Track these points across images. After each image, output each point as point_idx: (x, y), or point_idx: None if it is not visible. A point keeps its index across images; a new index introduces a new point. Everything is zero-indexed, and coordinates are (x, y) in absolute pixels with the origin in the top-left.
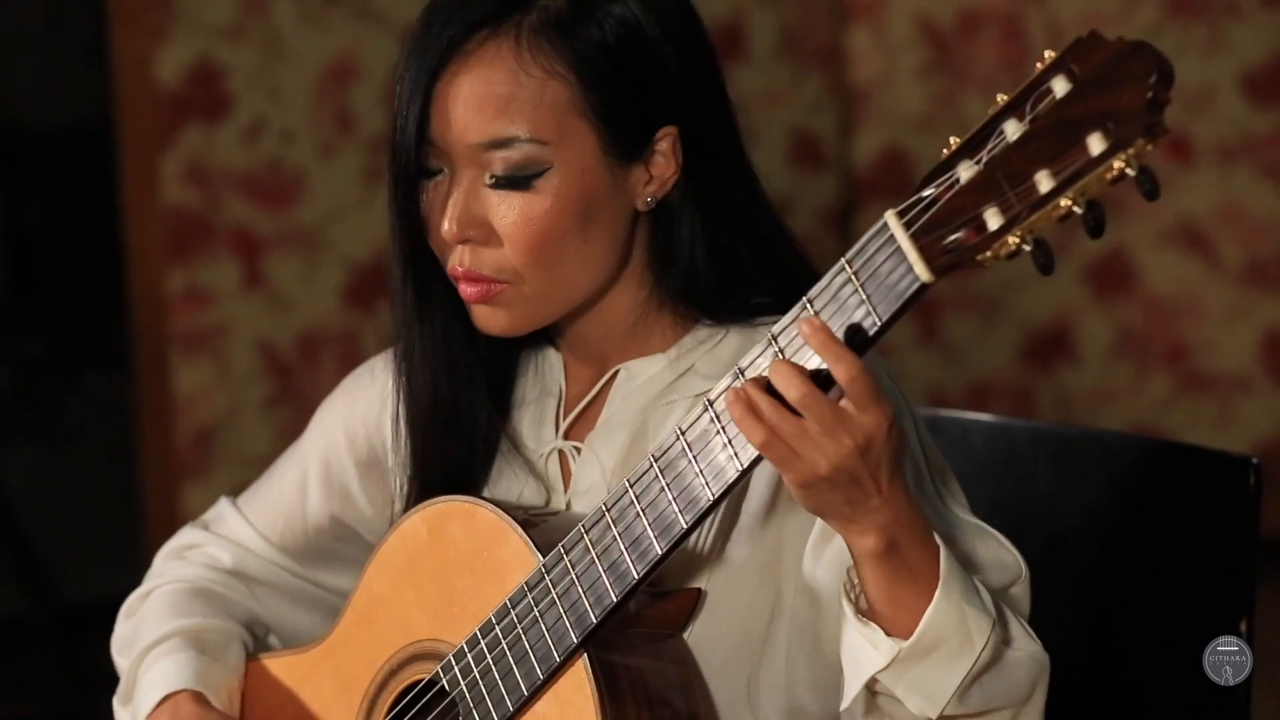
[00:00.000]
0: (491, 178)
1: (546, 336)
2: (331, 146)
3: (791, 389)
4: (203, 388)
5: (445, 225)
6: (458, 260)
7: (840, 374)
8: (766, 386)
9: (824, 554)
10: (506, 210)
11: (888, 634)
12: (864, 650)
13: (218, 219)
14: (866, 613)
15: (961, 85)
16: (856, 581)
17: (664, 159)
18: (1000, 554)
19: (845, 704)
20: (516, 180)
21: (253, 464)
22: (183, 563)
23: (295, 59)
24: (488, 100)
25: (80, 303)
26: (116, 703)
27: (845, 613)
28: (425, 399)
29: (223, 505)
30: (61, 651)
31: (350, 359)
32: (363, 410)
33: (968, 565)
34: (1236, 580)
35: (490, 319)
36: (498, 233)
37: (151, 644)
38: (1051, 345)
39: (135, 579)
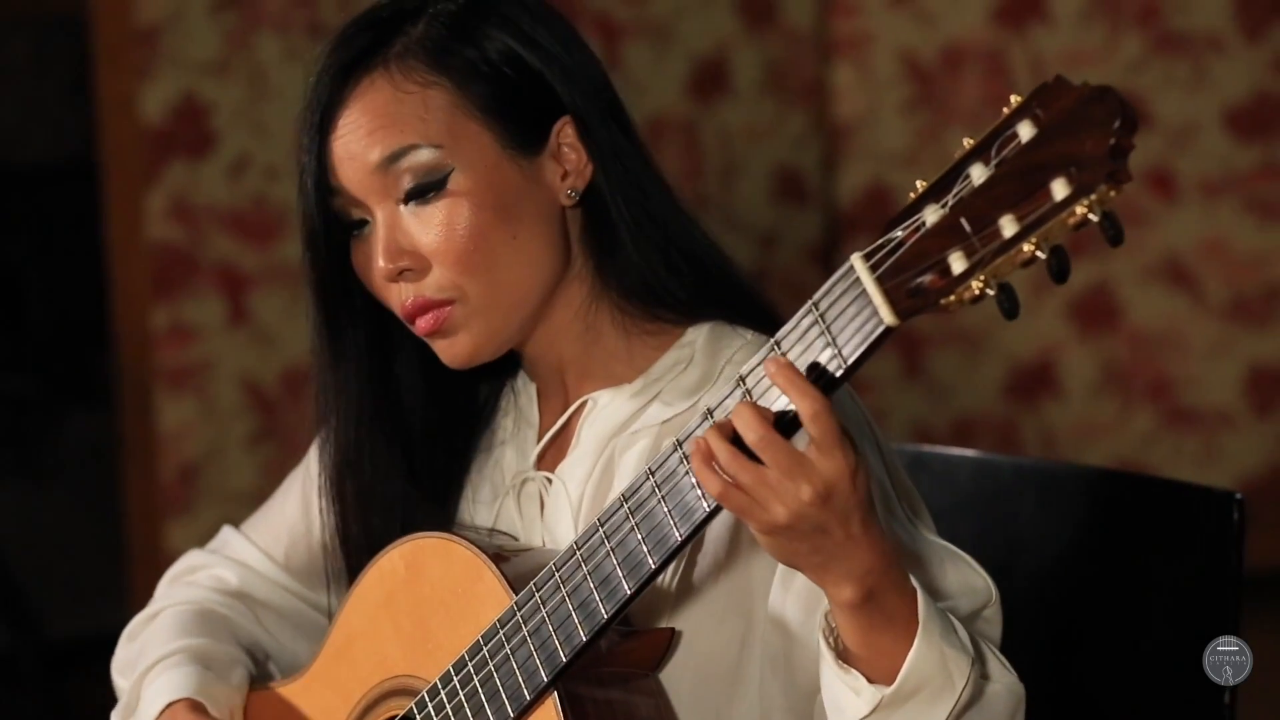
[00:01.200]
0: (403, 197)
1: (521, 369)
2: None
3: (750, 432)
4: (187, 424)
5: (378, 264)
6: (401, 297)
7: (804, 410)
8: (731, 434)
9: (793, 584)
10: (427, 225)
11: (869, 680)
12: (846, 697)
13: (202, 255)
14: (844, 656)
15: (945, 121)
16: (835, 624)
17: (570, 150)
18: (970, 578)
19: None
20: (425, 189)
21: (237, 500)
22: (188, 586)
23: (279, 95)
24: (374, 124)
25: (65, 339)
26: (116, 716)
27: (825, 657)
28: (337, 465)
29: (226, 531)
30: (45, 688)
31: None
32: None
33: (936, 591)
34: (1221, 616)
35: (451, 348)
36: (425, 252)
37: (155, 660)
38: (1036, 381)
39: (120, 615)
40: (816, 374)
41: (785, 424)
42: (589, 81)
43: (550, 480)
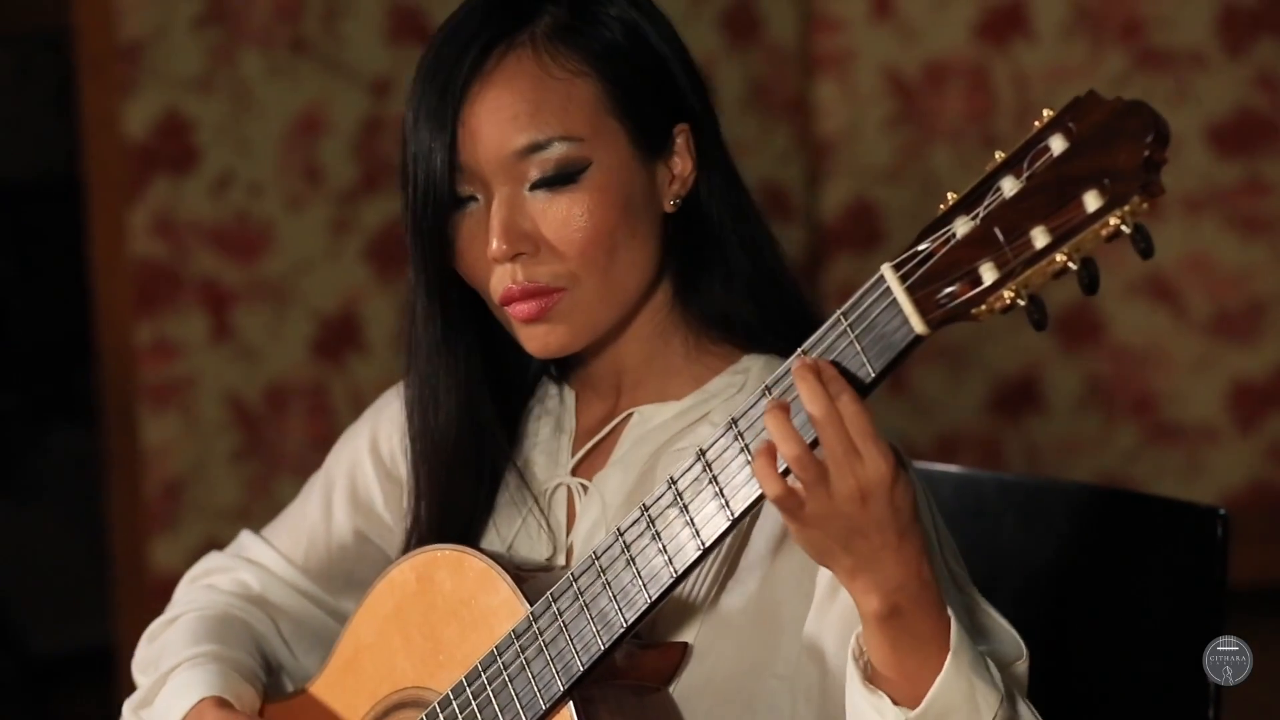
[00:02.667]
0: (532, 184)
1: (561, 372)
2: (300, 199)
3: (815, 404)
4: (171, 440)
5: (494, 244)
6: (510, 278)
7: (846, 406)
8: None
9: (829, 613)
10: (554, 213)
11: (894, 702)
12: (869, 717)
13: (186, 271)
14: (872, 677)
15: (928, 137)
16: (864, 644)
17: (680, 157)
18: (1004, 632)
19: None
20: (557, 179)
21: (221, 516)
22: (208, 590)
23: (263, 111)
24: (518, 109)
25: (48, 355)
26: (128, 708)
27: (851, 675)
28: (446, 447)
29: (245, 535)
30: (29, 704)
31: (319, 411)
32: (389, 428)
33: (977, 637)
34: (1205, 631)
35: (548, 336)
36: (547, 239)
37: (178, 663)
38: (1019, 396)
39: (103, 631)
40: None
41: None
42: (703, 90)
43: (585, 487)
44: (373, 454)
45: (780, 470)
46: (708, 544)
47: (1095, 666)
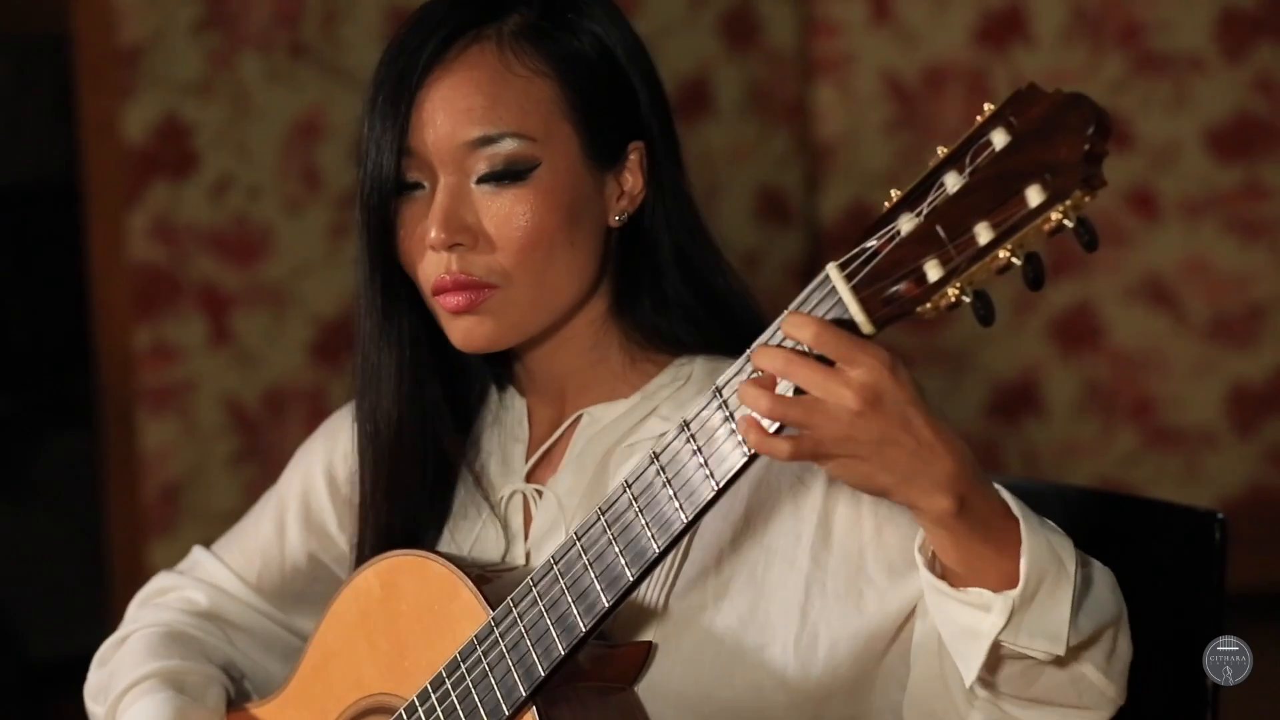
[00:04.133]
0: (479, 178)
1: (511, 381)
2: (298, 203)
3: (775, 361)
4: (169, 444)
5: (433, 232)
6: (444, 268)
7: (806, 337)
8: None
9: (827, 563)
10: (497, 208)
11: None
12: (973, 618)
13: (184, 275)
14: (955, 583)
15: (927, 141)
16: (930, 554)
17: (632, 175)
18: None
19: (970, 680)
20: (506, 175)
21: (219, 520)
22: (157, 608)
23: (262, 116)
24: (474, 100)
25: (46, 359)
26: None
27: (936, 589)
28: (388, 430)
29: (197, 552)
30: (27, 709)
31: (317, 415)
32: (344, 449)
33: None
34: (1203, 636)
35: (475, 329)
36: (487, 233)
37: (129, 686)
38: (1018, 400)
39: (101, 636)
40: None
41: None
42: (665, 115)
43: (540, 494)
44: (326, 476)
45: (773, 431)
46: (664, 546)
47: None
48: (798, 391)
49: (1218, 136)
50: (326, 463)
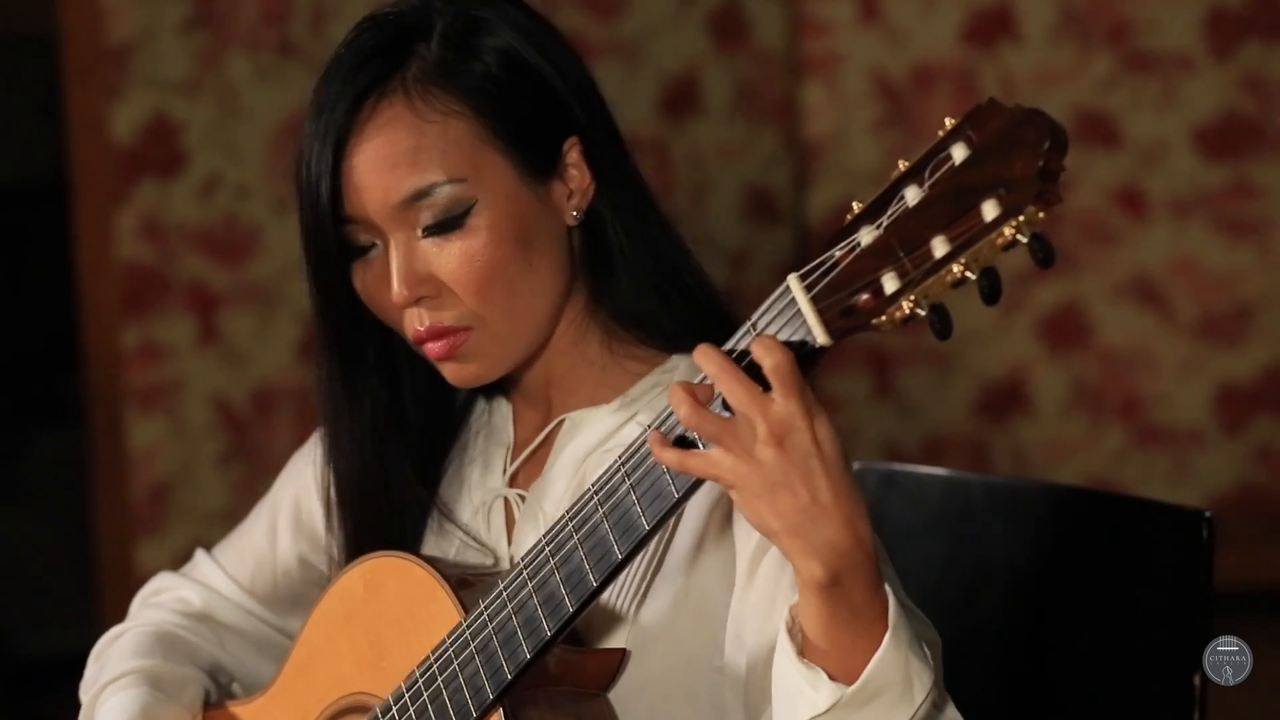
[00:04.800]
0: (423, 230)
1: (498, 386)
2: (287, 202)
3: (710, 364)
4: (157, 444)
5: (395, 290)
6: (416, 322)
7: (768, 361)
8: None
9: (747, 597)
10: (447, 256)
11: (830, 678)
12: (802, 692)
13: (173, 274)
14: (807, 652)
15: (915, 140)
16: (798, 617)
17: (576, 170)
18: (922, 616)
19: None
20: (447, 224)
21: (208, 520)
22: (154, 608)
23: (250, 115)
24: (396, 158)
25: (34, 358)
26: None
27: (784, 649)
28: (353, 481)
29: (198, 555)
30: (15, 708)
31: (306, 414)
32: None
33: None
34: (1190, 634)
35: (462, 371)
36: (446, 282)
37: (108, 681)
38: (1006, 399)
39: (90, 635)
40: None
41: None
42: (591, 98)
43: (523, 498)
44: (317, 480)
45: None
46: (626, 551)
47: (1081, 669)
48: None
49: (1206, 135)
50: (317, 468)
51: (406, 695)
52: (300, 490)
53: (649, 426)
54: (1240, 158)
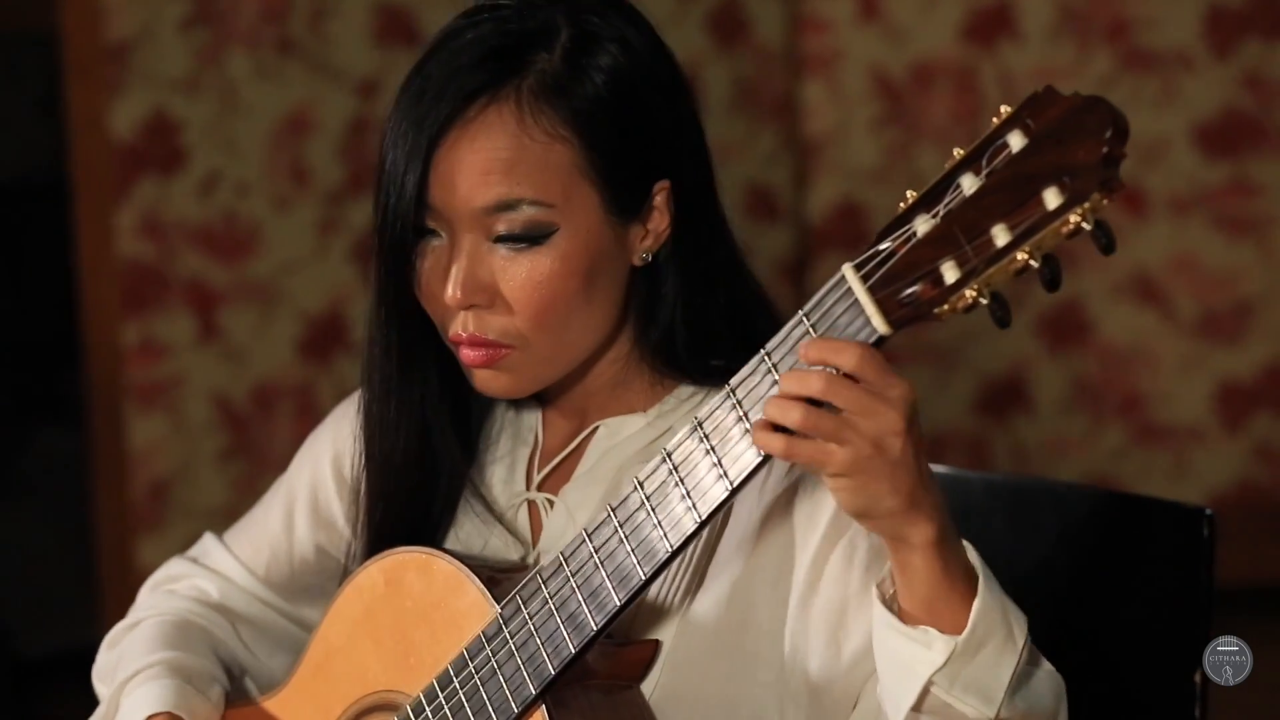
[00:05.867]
0: (496, 239)
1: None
2: (287, 199)
3: (814, 385)
4: (157, 440)
5: (449, 290)
6: (460, 326)
7: (848, 361)
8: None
9: (811, 610)
10: (514, 271)
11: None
12: (915, 653)
13: (172, 272)
14: (904, 618)
15: (915, 137)
16: (889, 593)
17: (659, 213)
18: None
19: (898, 718)
20: (522, 239)
21: (208, 516)
22: (168, 596)
23: (250, 112)
24: (492, 165)
25: (34, 355)
26: None
27: (886, 621)
28: (397, 464)
29: (208, 540)
30: (16, 705)
31: (306, 411)
32: (349, 441)
33: None
34: (1191, 631)
35: (493, 382)
36: (504, 296)
37: (135, 672)
38: (1006, 396)
39: (90, 631)
40: None
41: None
42: (694, 140)
43: (551, 503)
44: (334, 467)
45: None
46: (676, 545)
47: (1081, 666)
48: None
49: (1205, 133)
50: (334, 455)
51: (441, 693)
52: (318, 479)
53: (699, 419)
54: (1240, 156)
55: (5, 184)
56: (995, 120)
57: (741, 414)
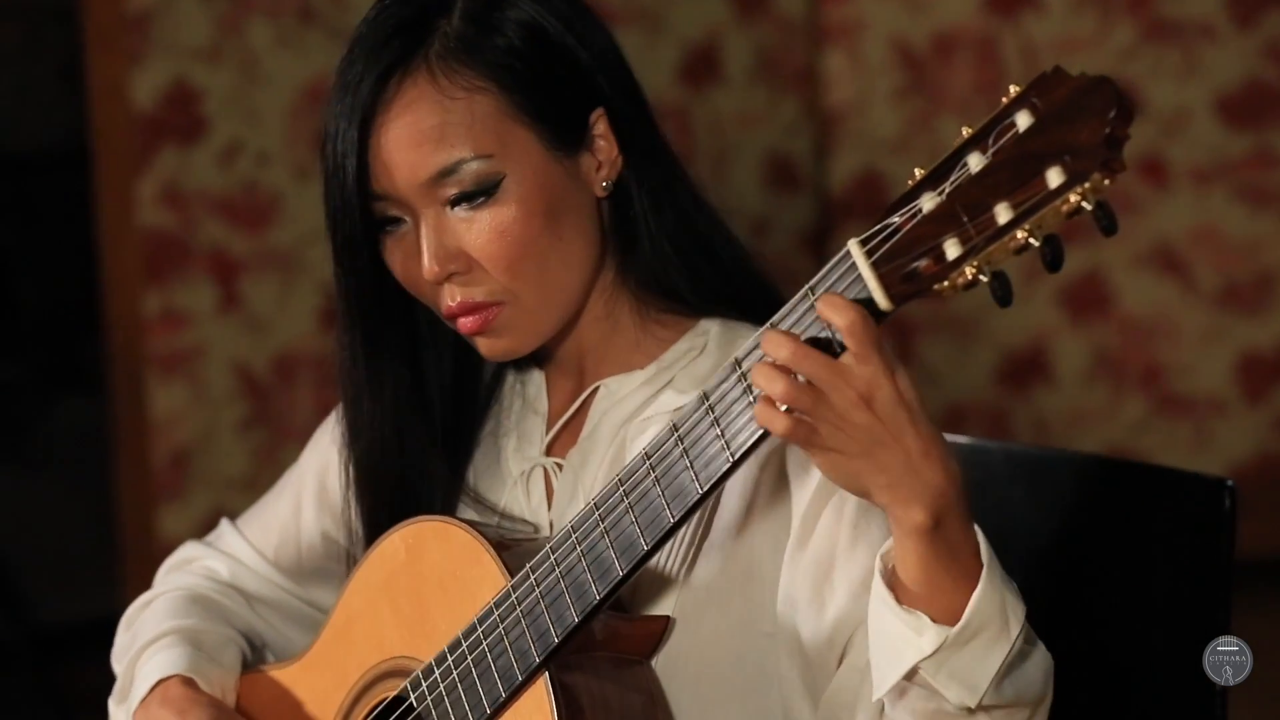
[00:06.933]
0: (450, 201)
1: (530, 358)
2: (307, 169)
3: (781, 350)
4: (179, 410)
5: (425, 265)
6: (448, 297)
7: (841, 322)
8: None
9: (799, 564)
10: (476, 231)
11: (932, 620)
12: (905, 638)
13: (194, 241)
14: (903, 598)
15: (936, 108)
16: (890, 565)
17: (604, 141)
18: None
19: (879, 694)
20: (475, 195)
21: (229, 486)
22: (183, 574)
23: (271, 81)
24: (422, 135)
25: (56, 325)
26: (112, 702)
27: (882, 597)
28: (372, 461)
29: (223, 525)
30: (37, 674)
31: (326, 381)
32: None
33: None
34: (1212, 603)
35: (496, 345)
36: (475, 257)
37: (148, 642)
38: (1027, 367)
39: (111, 601)
40: None
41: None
42: (617, 67)
43: (560, 467)
44: (340, 455)
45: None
46: (678, 516)
47: (1101, 637)
48: None
49: (1228, 104)
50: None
51: (450, 658)
52: (323, 466)
53: (706, 393)
54: (1262, 126)
55: (27, 154)
56: (1004, 99)
57: (745, 386)
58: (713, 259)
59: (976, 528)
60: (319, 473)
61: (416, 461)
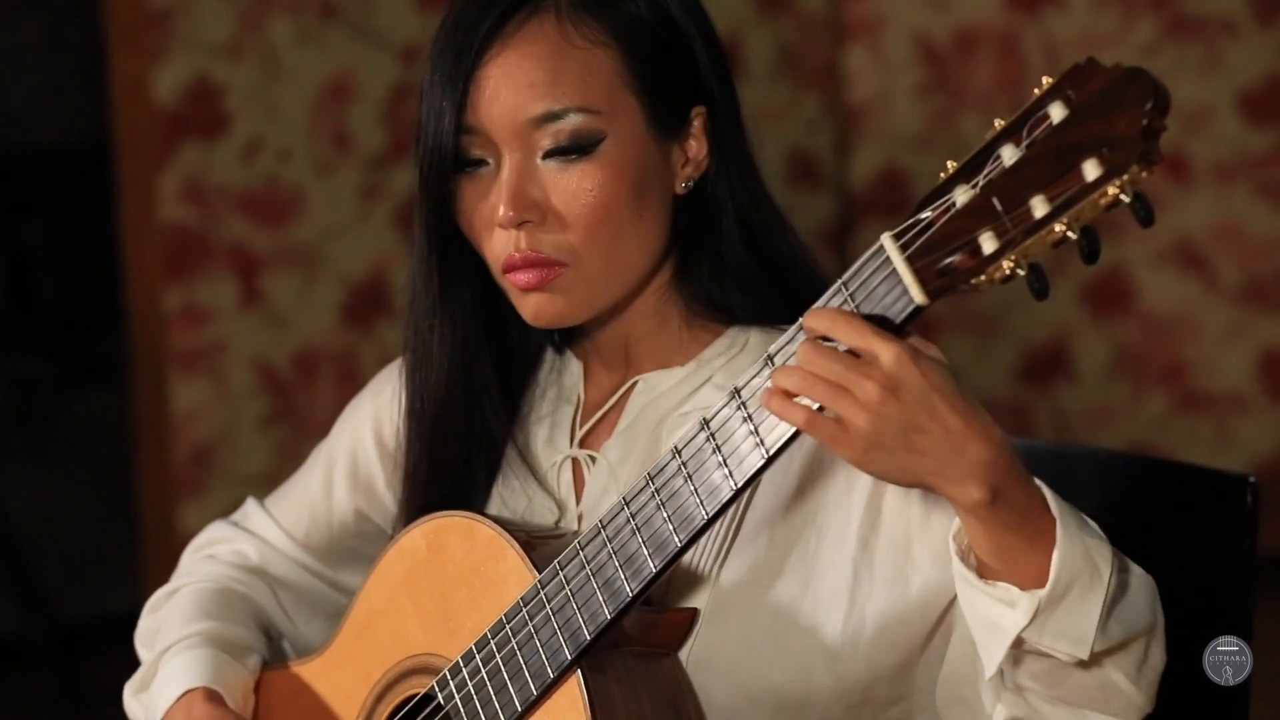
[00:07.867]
0: (544, 153)
1: (570, 345)
2: (329, 165)
3: (800, 353)
4: (200, 406)
5: (501, 209)
6: (514, 245)
7: (820, 326)
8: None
9: (875, 547)
10: (564, 184)
11: (1021, 589)
12: (999, 612)
13: (215, 237)
14: (982, 574)
15: (958, 104)
16: (964, 544)
17: (696, 141)
18: None
19: (990, 673)
20: (572, 150)
21: (250, 482)
22: (209, 561)
23: (293, 77)
24: (536, 76)
25: (77, 321)
26: (128, 691)
27: (965, 579)
28: (435, 406)
29: (250, 504)
30: (58, 670)
31: (347, 377)
32: (390, 407)
33: None
34: (1234, 599)
35: (546, 306)
36: (555, 209)
37: (173, 642)
38: (1049, 364)
39: (132, 596)
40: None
41: None
42: (725, 75)
43: (593, 459)
44: (374, 433)
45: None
46: (712, 513)
47: None
48: None
49: (1250, 100)
50: (375, 420)
51: (478, 656)
52: (358, 442)
53: (738, 388)
54: None
55: (49, 149)
56: (1037, 91)
57: None
58: (777, 280)
59: (1038, 482)
60: (351, 450)
61: (479, 407)
